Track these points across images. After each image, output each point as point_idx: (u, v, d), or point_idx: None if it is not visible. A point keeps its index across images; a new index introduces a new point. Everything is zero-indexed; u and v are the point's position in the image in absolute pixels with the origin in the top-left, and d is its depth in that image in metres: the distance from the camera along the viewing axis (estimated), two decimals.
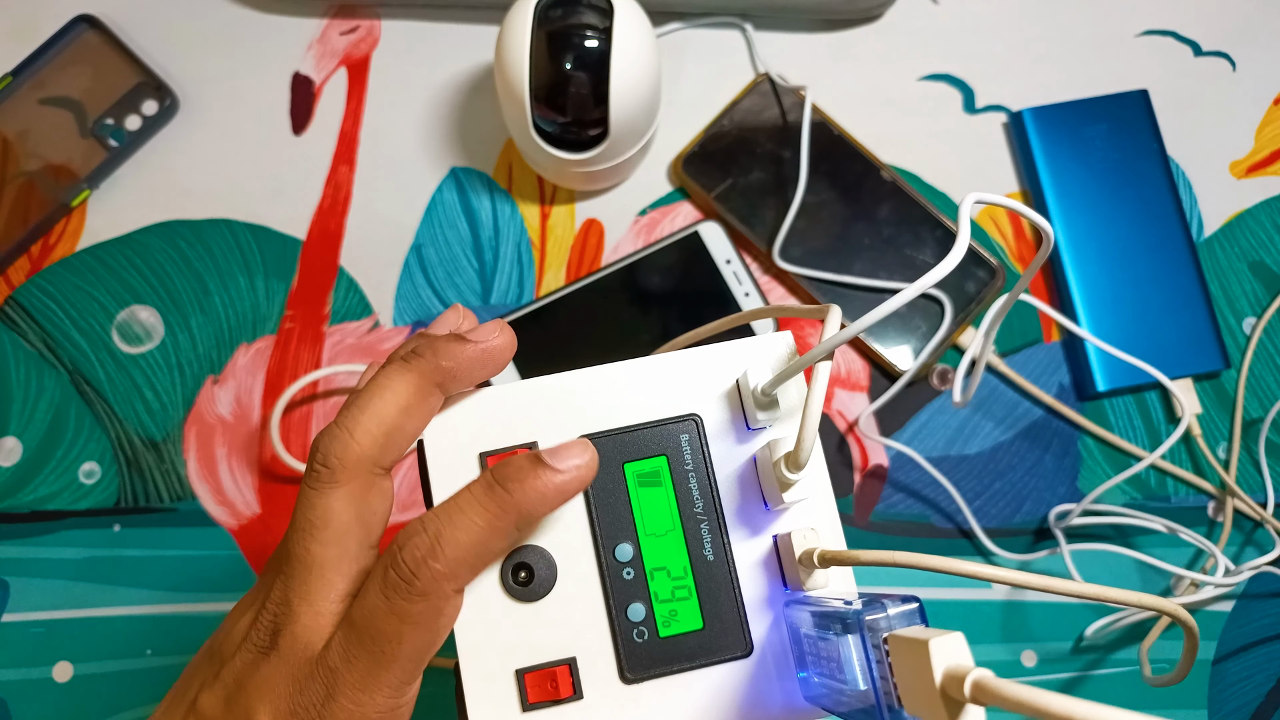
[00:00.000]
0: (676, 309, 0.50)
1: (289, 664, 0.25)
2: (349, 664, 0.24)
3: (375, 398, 0.26)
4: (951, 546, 0.49)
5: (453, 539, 0.24)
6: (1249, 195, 0.53)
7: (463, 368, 0.26)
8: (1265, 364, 0.51)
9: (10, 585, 0.48)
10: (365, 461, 0.25)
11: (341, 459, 0.25)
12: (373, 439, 0.25)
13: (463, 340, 0.26)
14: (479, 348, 0.26)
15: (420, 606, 0.24)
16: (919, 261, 0.51)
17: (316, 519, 0.25)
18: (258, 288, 0.51)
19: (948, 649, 0.19)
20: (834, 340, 0.24)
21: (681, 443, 0.28)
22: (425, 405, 0.26)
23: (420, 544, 0.24)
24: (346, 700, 0.24)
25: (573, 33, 0.44)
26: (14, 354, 0.50)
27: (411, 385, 0.26)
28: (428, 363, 0.26)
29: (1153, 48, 0.55)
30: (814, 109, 0.52)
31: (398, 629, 0.24)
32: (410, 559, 0.24)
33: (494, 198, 0.52)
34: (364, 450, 0.25)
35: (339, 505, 0.25)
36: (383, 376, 0.26)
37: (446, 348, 0.26)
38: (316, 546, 0.25)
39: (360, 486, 0.26)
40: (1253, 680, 0.48)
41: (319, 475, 0.25)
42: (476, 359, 0.27)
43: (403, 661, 0.24)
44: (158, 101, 0.52)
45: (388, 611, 0.24)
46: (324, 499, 0.25)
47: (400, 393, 0.26)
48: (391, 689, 0.24)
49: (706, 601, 0.27)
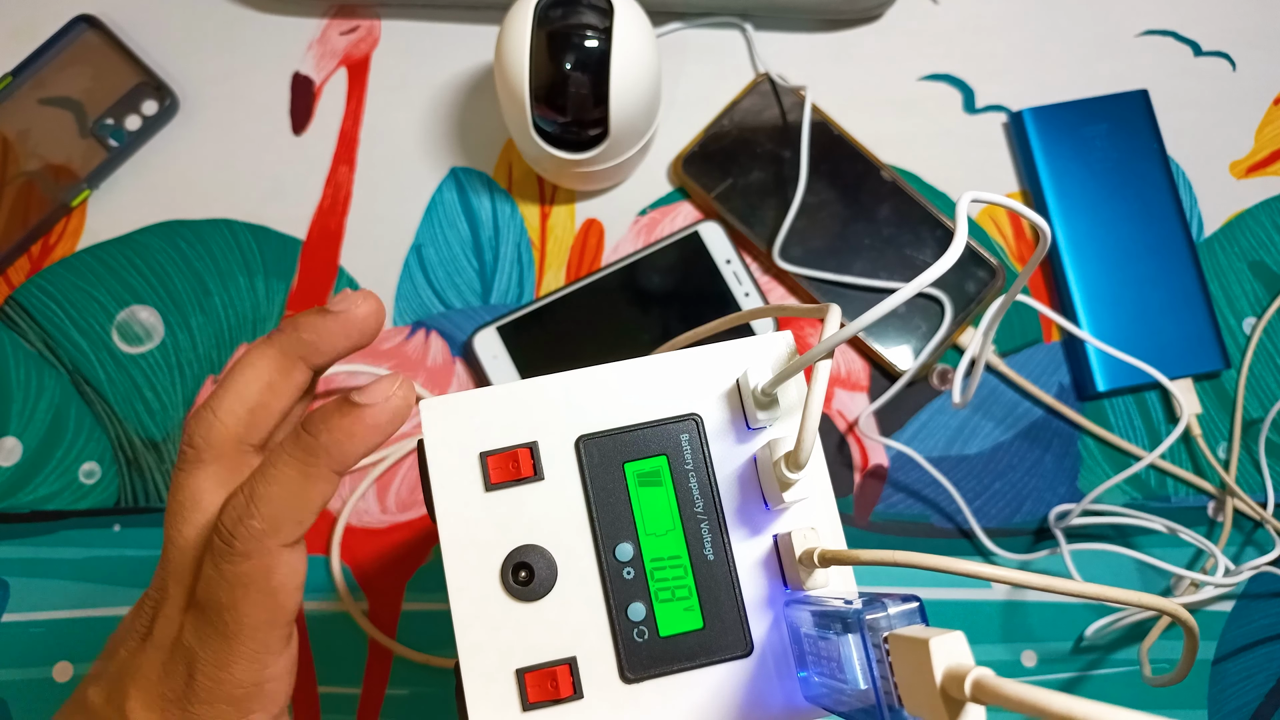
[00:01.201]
0: (676, 309, 0.50)
1: (159, 649, 0.25)
2: (201, 641, 0.24)
3: (238, 376, 0.26)
4: (951, 546, 0.49)
5: (266, 494, 0.24)
6: (1249, 195, 0.53)
7: (324, 339, 0.26)
8: (1265, 364, 0.51)
9: (10, 585, 0.48)
10: (230, 439, 0.25)
11: (206, 439, 0.25)
12: (236, 417, 0.25)
13: (323, 311, 0.26)
14: (339, 317, 0.26)
15: (245, 567, 0.23)
16: (919, 261, 0.51)
17: (185, 500, 0.25)
18: (258, 288, 0.51)
19: (948, 648, 0.19)
20: (833, 339, 0.24)
21: (682, 442, 0.28)
22: (289, 380, 0.26)
23: (237, 504, 0.24)
24: (204, 678, 0.24)
25: (573, 33, 0.44)
26: (14, 354, 0.50)
27: (273, 361, 0.26)
28: (287, 337, 0.26)
29: (1153, 48, 0.55)
30: (814, 109, 0.52)
31: (230, 596, 0.24)
32: (228, 520, 0.24)
33: (494, 198, 0.52)
34: (228, 429, 0.25)
35: (206, 485, 0.25)
36: (245, 355, 0.26)
37: (306, 320, 0.26)
38: (187, 528, 0.25)
39: (228, 466, 0.25)
40: (1253, 680, 0.48)
41: (185, 456, 0.25)
42: (338, 329, 0.26)
43: (249, 629, 0.24)
44: (158, 101, 0.52)
45: (218, 579, 0.24)
46: (191, 480, 0.25)
47: (262, 369, 0.26)
48: (248, 660, 0.24)
49: (707, 601, 0.27)
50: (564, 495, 0.27)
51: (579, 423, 0.28)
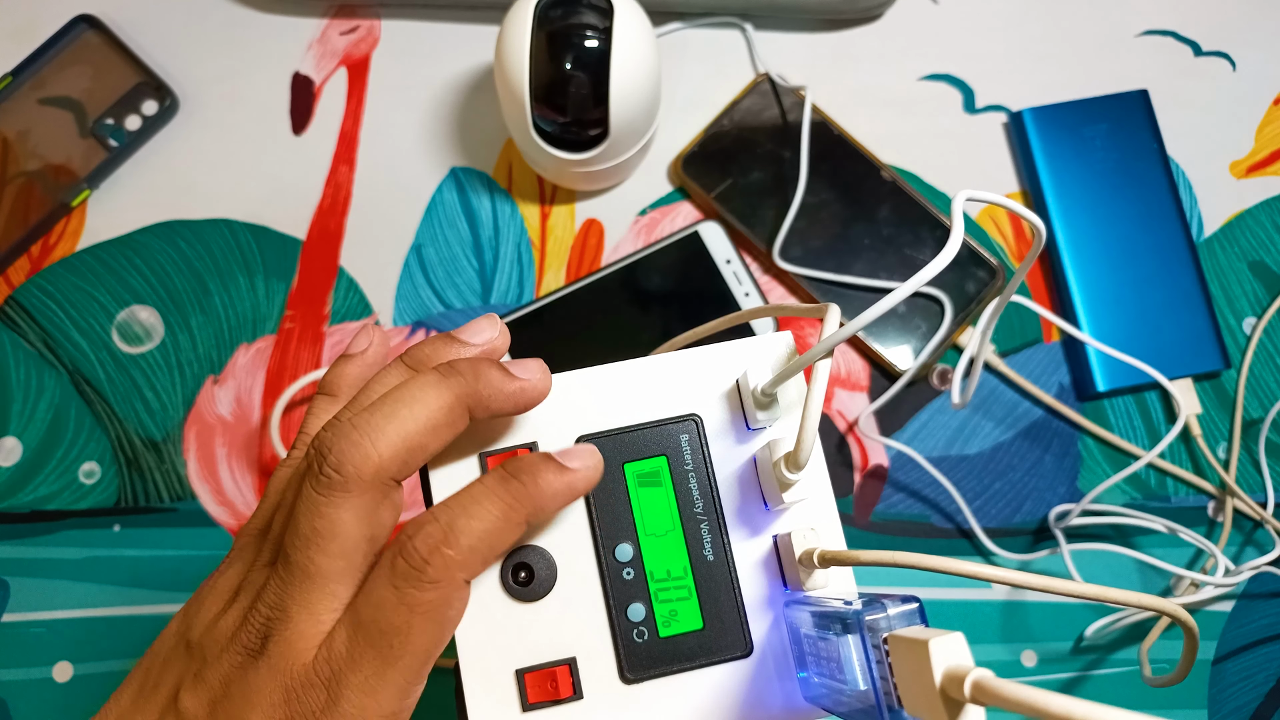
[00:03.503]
0: (676, 309, 0.50)
1: (282, 672, 0.23)
2: (354, 663, 0.23)
3: (405, 409, 0.24)
4: (951, 546, 0.49)
5: (467, 527, 0.23)
6: (1249, 195, 0.53)
7: (497, 401, 0.25)
8: (1265, 364, 0.51)
9: (10, 585, 0.48)
10: (383, 475, 0.24)
11: (359, 470, 0.23)
12: (395, 453, 0.24)
13: (507, 373, 0.25)
14: (521, 385, 0.25)
15: (432, 595, 0.23)
16: (919, 261, 0.51)
17: (324, 529, 0.23)
18: (258, 288, 0.51)
19: (948, 649, 0.19)
20: (833, 339, 0.24)
21: (681, 443, 0.28)
22: (453, 428, 0.25)
23: (434, 532, 0.23)
24: (350, 705, 0.23)
25: (573, 33, 0.44)
26: (14, 354, 0.50)
27: (446, 405, 0.24)
28: (468, 386, 0.25)
29: (1153, 48, 0.55)
30: (814, 109, 0.52)
31: (407, 620, 0.23)
32: (423, 546, 0.23)
33: (494, 198, 0.52)
34: (384, 464, 0.24)
35: (349, 517, 0.24)
36: (416, 388, 0.24)
37: (489, 375, 0.25)
38: (322, 558, 0.24)
39: (373, 500, 0.24)
40: (1253, 680, 0.48)
41: (331, 482, 0.23)
42: (516, 395, 0.25)
43: (410, 658, 0.23)
44: (158, 101, 0.52)
45: (397, 602, 0.23)
46: (334, 509, 0.23)
47: (434, 410, 0.24)
48: (398, 690, 0.23)
49: (706, 601, 0.27)
50: None
51: (579, 423, 0.28)
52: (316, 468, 0.24)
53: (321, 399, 0.29)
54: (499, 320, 0.28)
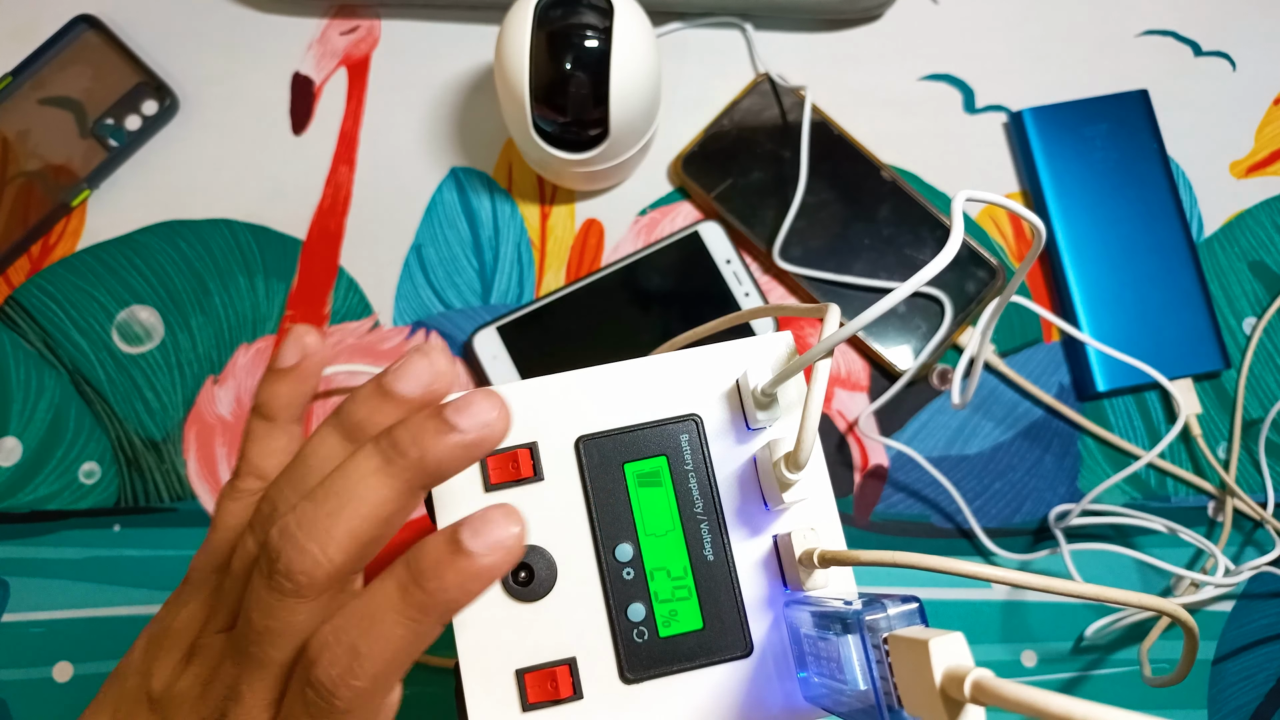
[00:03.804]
0: (676, 309, 0.50)
1: None
2: None
3: (351, 506, 0.22)
4: (951, 546, 0.49)
5: (369, 653, 0.21)
6: (1249, 195, 0.53)
7: (450, 465, 0.22)
8: (1265, 364, 0.51)
9: (10, 585, 0.48)
10: (338, 576, 0.22)
11: (312, 578, 0.22)
12: (348, 556, 0.22)
13: (452, 428, 0.22)
14: (472, 440, 0.22)
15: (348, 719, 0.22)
16: (919, 261, 0.51)
17: (277, 628, 0.23)
18: (258, 288, 0.51)
19: (948, 649, 0.19)
20: (832, 339, 0.24)
21: (681, 443, 0.28)
22: (406, 511, 0.23)
23: (335, 658, 0.21)
24: None
25: (573, 33, 0.44)
26: (14, 354, 0.50)
27: (394, 494, 0.22)
28: (411, 466, 0.22)
29: (1153, 48, 0.55)
30: (814, 109, 0.52)
31: None
32: (326, 679, 0.21)
33: (494, 198, 0.52)
34: (338, 568, 0.22)
35: (303, 618, 0.23)
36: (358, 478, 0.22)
37: (434, 444, 0.22)
38: (275, 652, 0.23)
39: (329, 598, 0.23)
40: (1253, 680, 0.48)
41: (283, 587, 0.22)
42: (471, 449, 0.22)
43: None
44: (158, 101, 0.52)
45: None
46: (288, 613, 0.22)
47: (381, 501, 0.22)
48: None
49: (706, 601, 0.27)
50: (564, 496, 0.27)
51: (579, 423, 0.28)
52: (267, 569, 0.22)
53: (258, 423, 0.28)
54: (437, 349, 0.25)
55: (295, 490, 0.24)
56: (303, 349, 0.27)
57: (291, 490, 0.24)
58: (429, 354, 0.25)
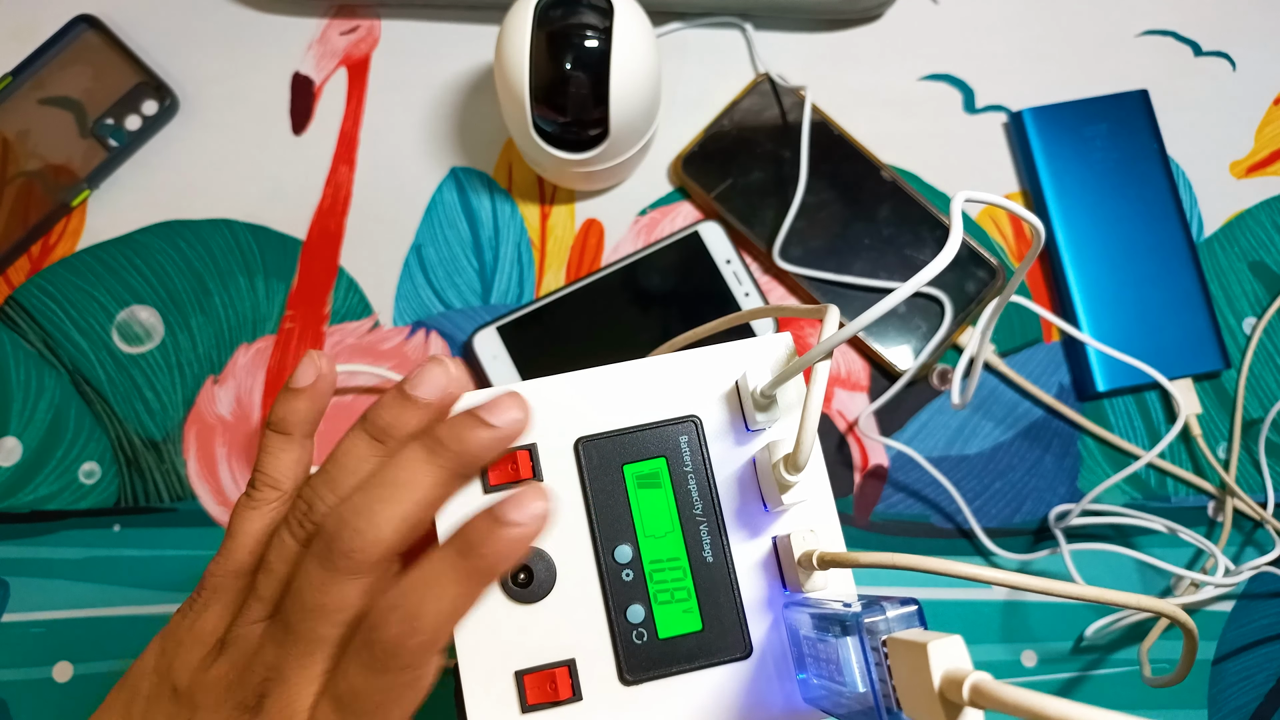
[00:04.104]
0: (676, 309, 0.50)
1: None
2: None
3: (403, 491, 0.25)
4: (951, 546, 0.49)
5: (428, 612, 0.24)
6: (1249, 195, 0.53)
7: (486, 456, 0.26)
8: (1265, 364, 0.51)
9: (10, 585, 0.48)
10: (390, 556, 0.25)
11: (367, 555, 0.25)
12: (400, 535, 0.25)
13: (486, 425, 0.26)
14: (503, 434, 0.26)
15: (407, 677, 0.24)
16: (919, 261, 0.51)
17: (331, 604, 0.25)
18: (258, 288, 0.51)
19: (946, 652, 0.19)
20: (832, 340, 0.24)
21: (681, 444, 0.28)
22: (445, 497, 0.26)
23: (397, 620, 0.24)
24: None
25: (573, 33, 0.44)
26: (14, 354, 0.50)
27: (440, 482, 0.26)
28: (454, 457, 0.26)
29: (1153, 48, 0.55)
30: (814, 109, 0.52)
31: (384, 698, 0.24)
32: (390, 638, 0.24)
33: (494, 198, 0.52)
34: (391, 547, 0.25)
35: (355, 594, 0.25)
36: (407, 469, 0.26)
37: (471, 437, 0.26)
38: (327, 629, 0.25)
39: (379, 577, 0.26)
40: (1253, 680, 0.48)
41: (339, 565, 0.25)
42: (502, 442, 0.26)
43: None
44: (158, 101, 0.52)
45: (372, 688, 0.24)
46: (342, 587, 0.25)
47: (429, 488, 0.26)
48: None
49: (706, 603, 0.27)
50: (563, 497, 0.27)
51: (578, 424, 0.28)
52: (324, 551, 0.25)
53: (275, 437, 0.29)
54: (448, 361, 0.28)
55: (331, 490, 0.27)
56: (317, 370, 0.29)
57: (328, 490, 0.27)
58: (443, 362, 0.28)
